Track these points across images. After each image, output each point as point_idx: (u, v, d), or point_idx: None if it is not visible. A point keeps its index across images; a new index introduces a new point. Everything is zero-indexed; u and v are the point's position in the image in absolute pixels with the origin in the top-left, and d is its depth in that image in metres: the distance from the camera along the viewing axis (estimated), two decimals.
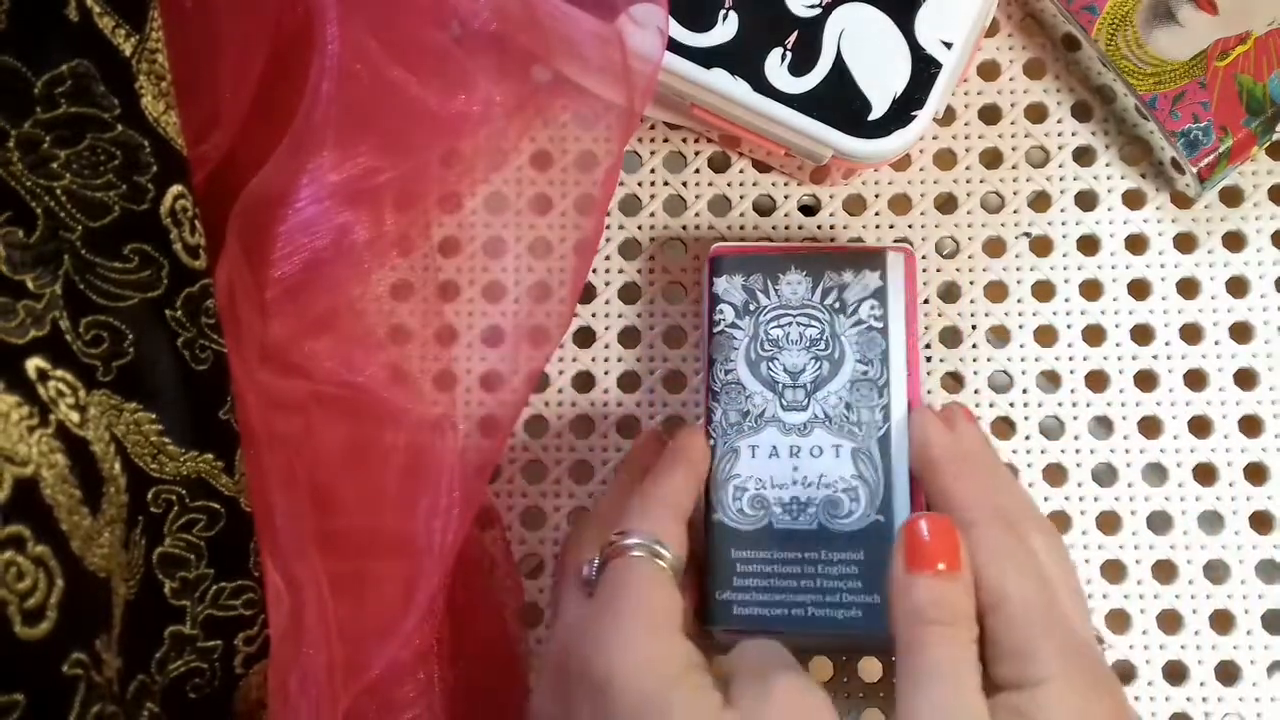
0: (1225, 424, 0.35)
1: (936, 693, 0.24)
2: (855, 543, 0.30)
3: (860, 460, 0.30)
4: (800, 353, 0.31)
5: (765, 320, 0.32)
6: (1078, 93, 0.37)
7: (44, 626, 0.19)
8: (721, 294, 0.33)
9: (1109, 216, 0.37)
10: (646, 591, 0.26)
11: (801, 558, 0.30)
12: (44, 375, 0.21)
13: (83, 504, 0.21)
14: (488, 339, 0.36)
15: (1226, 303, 0.36)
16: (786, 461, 0.31)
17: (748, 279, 0.32)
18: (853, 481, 0.30)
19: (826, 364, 0.31)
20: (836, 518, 0.30)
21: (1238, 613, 0.34)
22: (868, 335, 0.31)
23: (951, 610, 0.25)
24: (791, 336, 0.32)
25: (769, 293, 0.32)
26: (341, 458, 0.29)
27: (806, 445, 0.31)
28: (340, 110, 0.29)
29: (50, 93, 0.23)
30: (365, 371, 0.30)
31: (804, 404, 0.31)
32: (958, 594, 0.26)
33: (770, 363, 0.32)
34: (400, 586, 0.28)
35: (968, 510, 0.27)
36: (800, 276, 0.32)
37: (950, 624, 0.25)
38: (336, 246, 0.30)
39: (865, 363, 0.31)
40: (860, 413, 0.31)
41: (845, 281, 0.32)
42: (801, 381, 0.31)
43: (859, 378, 0.31)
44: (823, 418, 0.31)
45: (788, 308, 0.32)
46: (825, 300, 0.32)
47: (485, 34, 0.32)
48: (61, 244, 0.23)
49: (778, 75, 0.33)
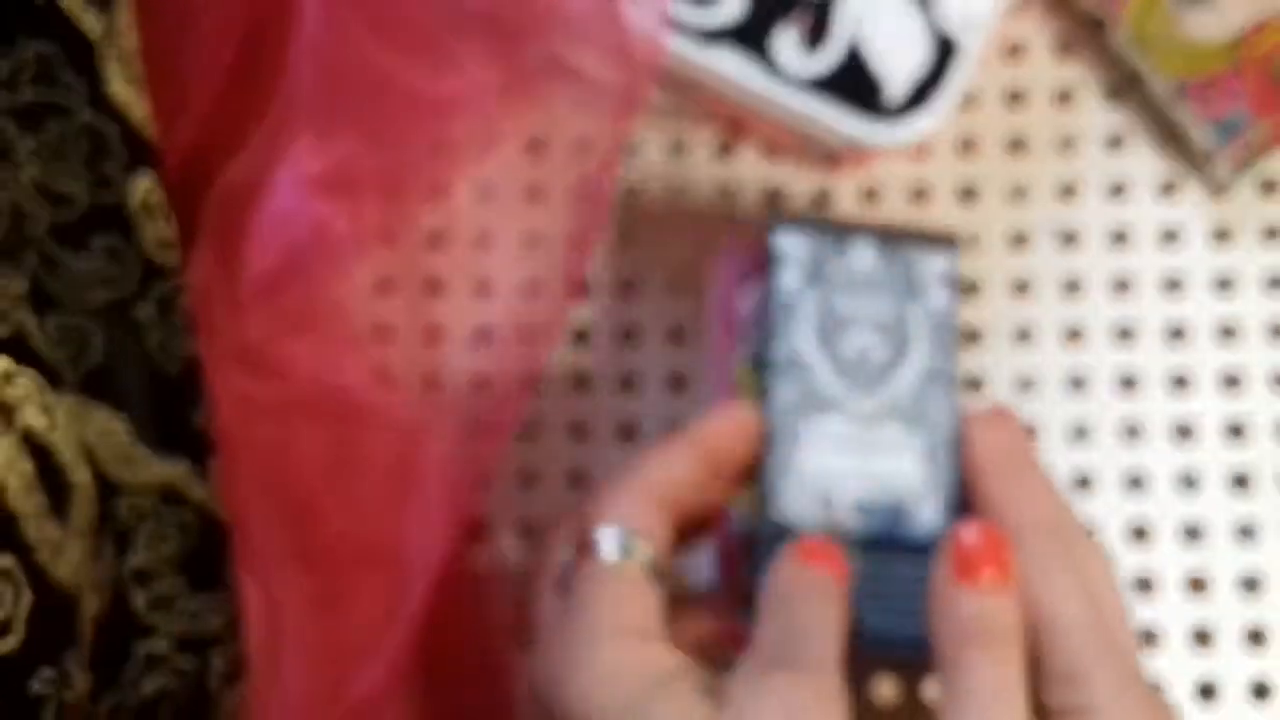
0: (1260, 428, 0.36)
1: (972, 714, 0.24)
2: (924, 554, 0.28)
3: (932, 462, 0.29)
4: (871, 333, 0.30)
5: (830, 293, 0.30)
6: (1106, 77, 0.38)
7: (11, 641, 0.20)
8: (782, 259, 0.31)
9: (1139, 208, 0.37)
10: (616, 599, 0.26)
11: (865, 565, 0.28)
12: (8, 377, 0.22)
13: (50, 513, 0.21)
14: (478, 339, 0.36)
15: (1263, 300, 0.36)
16: (854, 456, 0.29)
17: (814, 244, 0.31)
18: (923, 486, 0.29)
19: (897, 349, 0.30)
20: (905, 524, 0.29)
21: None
22: (938, 323, 0.30)
23: (1000, 628, 0.25)
24: (859, 315, 0.30)
25: (836, 264, 0.31)
26: (322, 465, 0.30)
27: (876, 439, 0.29)
28: (320, 94, 0.30)
29: (14, 78, 0.23)
30: (347, 373, 0.30)
31: (874, 391, 0.30)
32: (1006, 610, 0.25)
33: (837, 340, 0.30)
34: (384, 602, 0.29)
35: (1016, 519, 0.27)
36: (870, 249, 0.31)
37: (998, 643, 0.24)
38: (316, 240, 0.30)
39: (935, 353, 0.30)
40: (930, 408, 0.30)
41: (917, 261, 0.31)
42: (873, 365, 0.30)
43: (929, 369, 0.30)
44: (892, 409, 0.30)
45: (855, 283, 0.30)
46: (896, 280, 0.30)
47: (475, 12, 0.33)
48: (27, 239, 0.23)
49: (788, 56, 0.33)
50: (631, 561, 0.26)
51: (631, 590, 0.26)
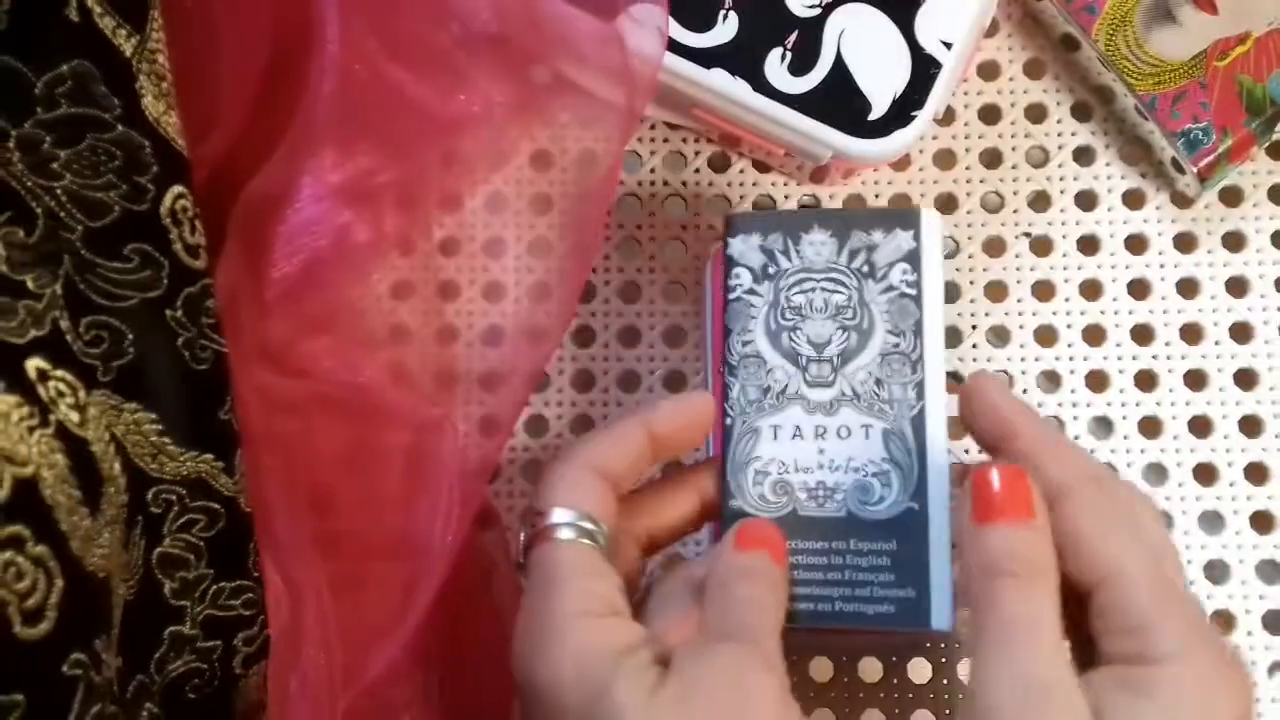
0: (1226, 424, 0.35)
1: (1015, 653, 0.22)
2: (887, 532, 0.27)
3: (892, 442, 0.28)
4: (825, 322, 0.29)
5: (786, 285, 0.29)
6: (1077, 93, 0.37)
7: (43, 627, 0.19)
8: (737, 256, 0.29)
9: (1109, 216, 0.37)
10: (575, 580, 0.25)
11: (829, 548, 0.27)
12: (44, 375, 0.21)
13: (82, 504, 0.21)
14: (488, 339, 0.36)
15: (1227, 303, 0.36)
16: (812, 443, 0.28)
17: (766, 239, 0.29)
18: (884, 465, 0.28)
19: (854, 335, 0.28)
20: (867, 504, 0.28)
21: (1239, 613, 0.34)
22: (900, 303, 0.28)
23: (1028, 562, 0.23)
24: (816, 304, 0.29)
25: (790, 254, 0.29)
26: (341, 458, 0.29)
27: (833, 425, 0.28)
28: (340, 110, 0.29)
29: (51, 93, 0.23)
30: (365, 372, 0.30)
31: (830, 379, 0.28)
32: (1035, 543, 0.23)
33: (793, 333, 0.29)
34: (399, 587, 0.28)
35: (1059, 475, 0.25)
36: (824, 237, 0.29)
37: (1027, 576, 0.23)
38: (337, 246, 0.30)
39: (897, 334, 0.28)
40: (892, 389, 0.28)
41: (875, 242, 0.29)
42: (827, 354, 0.28)
43: (890, 350, 0.28)
44: (851, 395, 0.28)
45: (811, 271, 0.29)
46: (853, 263, 0.29)
47: (485, 34, 0.32)
48: (62, 244, 0.23)
49: (778, 75, 0.33)
50: (581, 540, 0.25)
51: (588, 569, 0.25)
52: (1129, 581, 0.23)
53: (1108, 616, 0.23)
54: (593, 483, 0.26)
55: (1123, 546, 0.24)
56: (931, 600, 0.27)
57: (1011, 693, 0.22)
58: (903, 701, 0.34)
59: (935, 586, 0.27)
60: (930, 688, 0.34)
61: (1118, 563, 0.23)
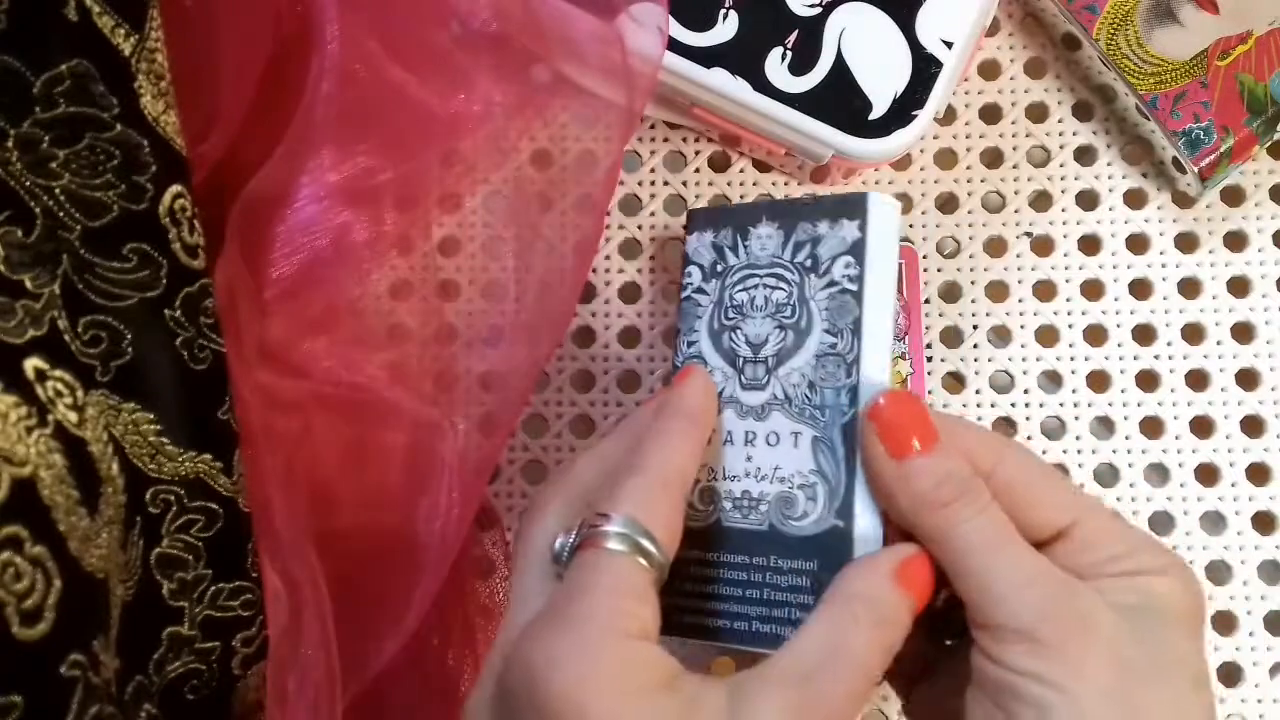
0: (1228, 424, 0.35)
1: (1001, 563, 0.23)
2: (809, 549, 0.25)
3: (821, 451, 0.25)
4: (764, 321, 0.26)
5: (731, 283, 0.27)
6: (1078, 92, 0.37)
7: (41, 627, 0.19)
8: (691, 253, 0.28)
9: (1110, 216, 0.37)
10: (618, 597, 0.23)
11: (749, 563, 0.25)
12: (42, 375, 0.21)
13: (81, 504, 0.21)
14: (488, 339, 0.36)
15: (1228, 303, 0.36)
16: (740, 449, 0.26)
17: (718, 235, 0.27)
18: (811, 477, 0.25)
19: (792, 334, 0.26)
20: (790, 518, 0.25)
21: (1240, 614, 0.34)
22: (839, 299, 0.26)
23: (961, 479, 0.23)
24: (757, 301, 0.27)
25: (738, 250, 0.27)
26: (341, 458, 0.29)
27: (763, 431, 0.26)
28: (340, 110, 0.29)
29: (49, 92, 0.23)
30: (365, 371, 0.30)
31: (764, 382, 0.26)
32: (954, 461, 0.24)
33: (733, 333, 0.27)
34: (399, 587, 0.28)
35: (982, 444, 0.24)
36: (772, 230, 0.27)
37: (967, 493, 0.23)
38: (336, 246, 0.30)
39: (834, 333, 0.26)
40: (824, 394, 0.25)
41: (820, 234, 0.26)
42: (763, 355, 0.26)
43: (826, 351, 0.26)
44: (782, 399, 0.26)
45: (755, 267, 0.27)
46: (796, 257, 0.27)
47: (485, 34, 0.32)
48: (60, 244, 0.23)
49: (778, 74, 0.33)
50: (638, 557, 0.23)
51: (633, 587, 0.23)
52: (1102, 511, 0.24)
53: (1097, 546, 0.24)
54: (660, 494, 0.24)
55: (1074, 487, 0.25)
56: None
57: (1032, 598, 0.22)
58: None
59: None
60: None
61: (1083, 499, 0.24)
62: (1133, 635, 0.22)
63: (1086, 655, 0.22)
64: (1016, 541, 0.23)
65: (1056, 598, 0.22)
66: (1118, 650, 0.22)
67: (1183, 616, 0.23)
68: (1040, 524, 0.24)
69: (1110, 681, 0.22)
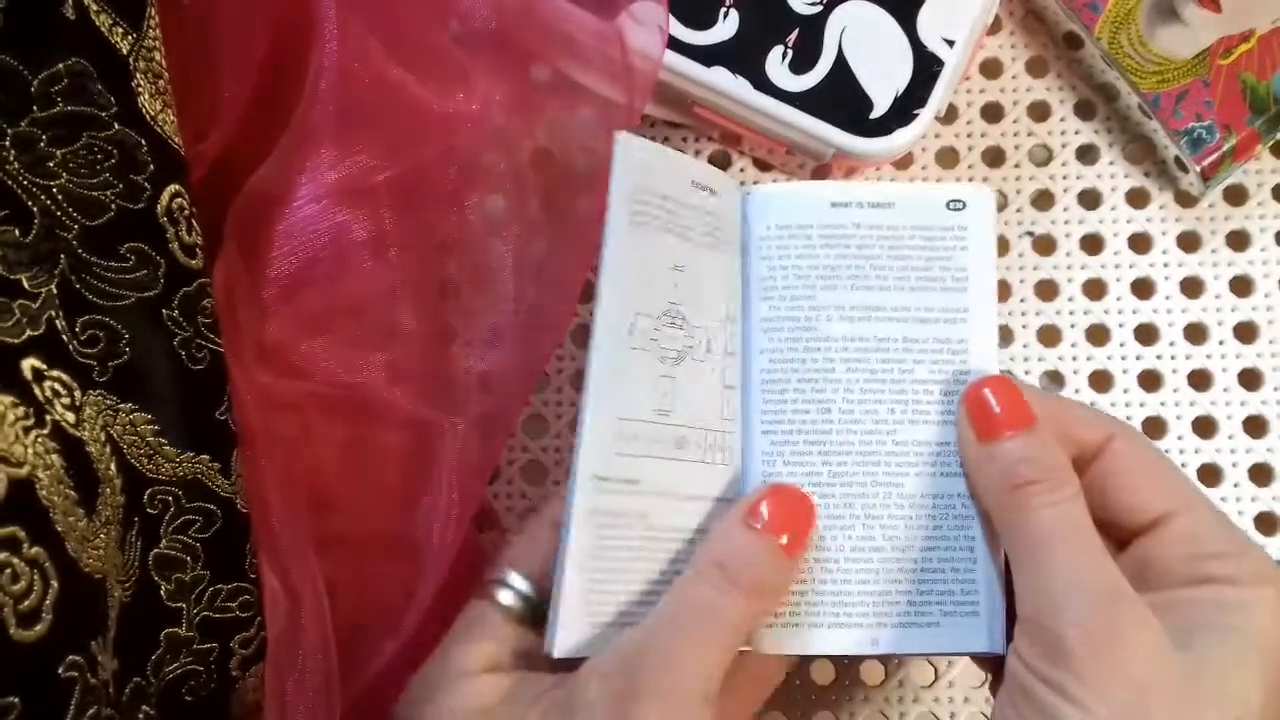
0: (1230, 425, 0.35)
1: (1058, 558, 0.22)
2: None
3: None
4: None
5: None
6: (1080, 91, 0.37)
7: (39, 629, 0.19)
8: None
9: (1112, 216, 0.37)
10: (468, 640, 0.25)
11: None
12: (40, 375, 0.21)
13: (78, 505, 0.21)
14: (488, 339, 0.35)
15: (1231, 302, 0.36)
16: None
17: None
18: None
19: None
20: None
21: None
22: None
23: (1046, 466, 0.23)
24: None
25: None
26: (340, 458, 0.29)
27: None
28: (338, 108, 0.29)
29: (47, 91, 0.23)
30: (363, 372, 0.30)
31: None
32: (1046, 447, 0.23)
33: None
34: (399, 588, 0.28)
35: (1095, 426, 0.24)
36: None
37: (1048, 479, 0.22)
38: (335, 246, 0.30)
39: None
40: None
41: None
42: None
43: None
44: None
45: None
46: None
47: (484, 32, 0.32)
48: (58, 243, 0.23)
49: (779, 73, 0.33)
50: (501, 604, 0.25)
51: (487, 630, 0.25)
52: (1204, 507, 0.23)
53: (1193, 541, 0.23)
54: (531, 543, 0.26)
55: (1183, 477, 0.23)
56: None
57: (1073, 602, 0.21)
58: (905, 703, 0.34)
59: None
60: (932, 691, 0.34)
61: (1189, 490, 0.23)
62: (1179, 661, 0.21)
63: (1112, 674, 0.20)
64: (1085, 541, 0.22)
65: (1098, 606, 0.21)
66: (1151, 675, 0.21)
67: (1264, 645, 0.21)
68: (1140, 508, 0.23)
69: (1131, 708, 0.20)
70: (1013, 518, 0.23)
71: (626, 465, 0.25)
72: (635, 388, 0.26)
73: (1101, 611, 0.21)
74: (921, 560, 0.25)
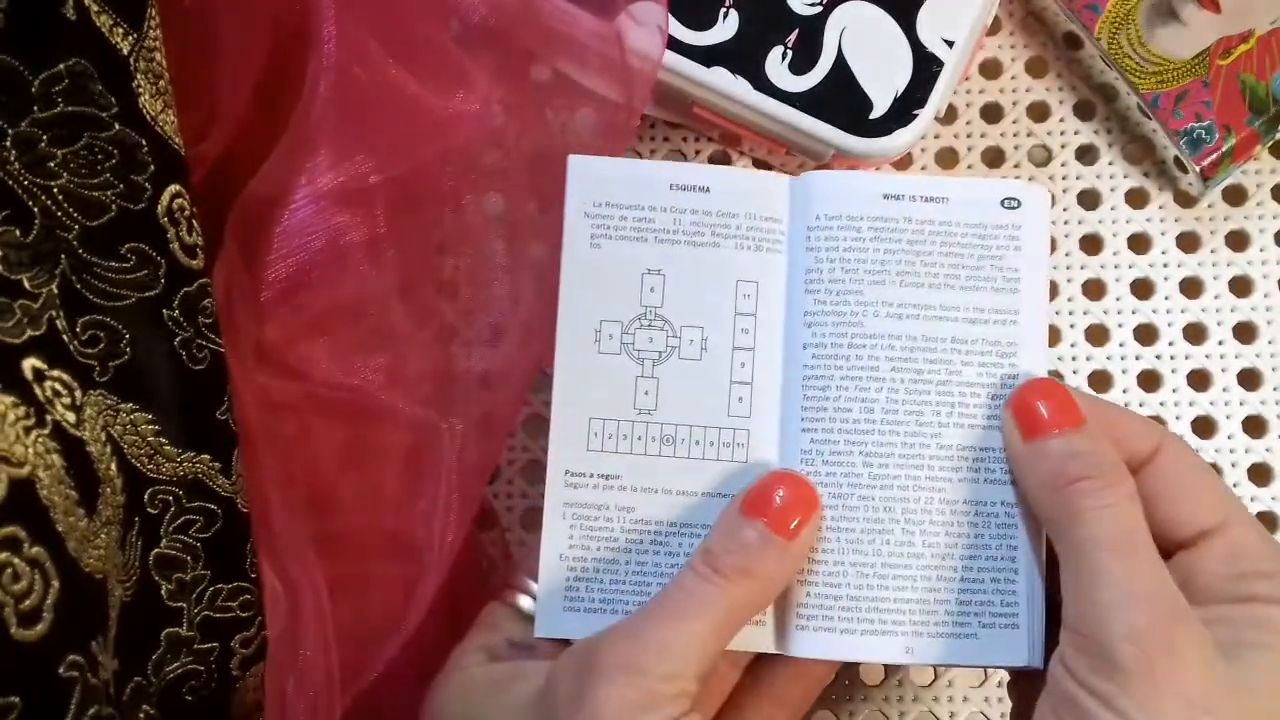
0: (1230, 425, 0.35)
1: (1114, 567, 0.21)
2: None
3: None
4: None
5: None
6: (1080, 91, 0.37)
7: (40, 628, 0.19)
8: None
9: (1111, 216, 0.37)
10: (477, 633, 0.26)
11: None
12: (40, 375, 0.21)
13: (79, 505, 0.21)
14: (487, 339, 0.36)
15: (1230, 302, 0.36)
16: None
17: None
18: None
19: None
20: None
21: None
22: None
23: (1096, 461, 0.22)
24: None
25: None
26: (339, 458, 0.29)
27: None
28: (337, 109, 0.29)
29: (48, 91, 0.23)
30: (363, 372, 0.30)
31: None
32: (1096, 443, 0.22)
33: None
34: (399, 588, 0.28)
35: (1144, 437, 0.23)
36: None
37: (1101, 477, 0.22)
38: (334, 247, 0.30)
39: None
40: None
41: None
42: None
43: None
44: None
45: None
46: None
47: (484, 32, 0.32)
48: (59, 243, 0.23)
49: (778, 73, 0.33)
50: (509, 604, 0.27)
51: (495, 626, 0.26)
52: (1249, 523, 0.22)
53: (1240, 558, 0.22)
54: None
55: (1229, 491, 0.23)
56: None
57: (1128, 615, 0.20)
58: (905, 703, 0.34)
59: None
60: (932, 691, 0.34)
61: (1235, 505, 0.23)
62: (1232, 680, 0.20)
63: (1166, 692, 0.20)
64: (1141, 548, 0.21)
65: (1156, 621, 0.20)
66: (1203, 694, 0.20)
67: None
68: (1185, 521, 0.22)
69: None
70: (1062, 519, 0.22)
71: (602, 461, 0.26)
72: (608, 390, 0.26)
73: (1159, 627, 0.21)
74: (962, 569, 0.24)
